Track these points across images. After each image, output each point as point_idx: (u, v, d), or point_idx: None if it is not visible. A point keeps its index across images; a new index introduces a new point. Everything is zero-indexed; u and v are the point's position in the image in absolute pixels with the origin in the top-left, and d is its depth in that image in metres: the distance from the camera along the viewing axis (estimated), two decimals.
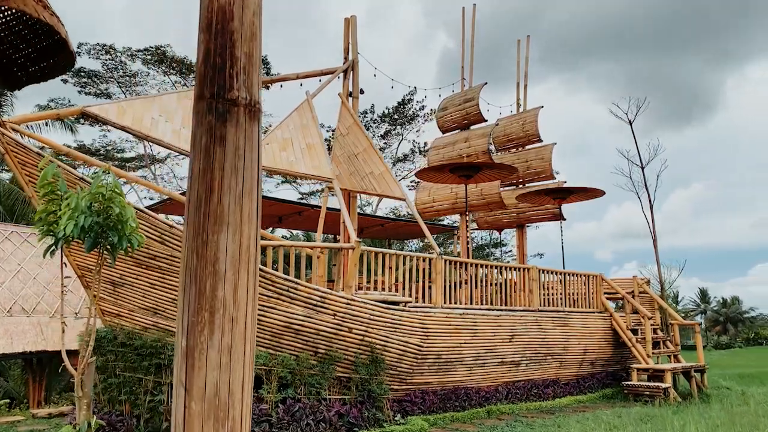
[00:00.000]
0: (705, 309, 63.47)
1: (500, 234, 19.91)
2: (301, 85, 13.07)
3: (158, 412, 9.02)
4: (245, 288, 2.24)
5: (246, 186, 2.15)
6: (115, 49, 33.84)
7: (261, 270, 9.23)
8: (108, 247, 5.67)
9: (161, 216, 9.15)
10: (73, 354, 13.26)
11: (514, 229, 18.61)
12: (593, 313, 14.93)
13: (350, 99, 13.82)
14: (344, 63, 13.90)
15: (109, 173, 5.42)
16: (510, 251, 39.21)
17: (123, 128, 9.65)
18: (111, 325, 9.42)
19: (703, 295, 64.31)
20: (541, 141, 17.60)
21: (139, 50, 34.43)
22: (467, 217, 15.55)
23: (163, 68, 35.66)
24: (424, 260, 11.50)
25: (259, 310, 9.32)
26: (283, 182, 40.98)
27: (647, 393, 13.72)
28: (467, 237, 15.80)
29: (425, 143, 41.22)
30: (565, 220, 17.31)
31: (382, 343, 10.30)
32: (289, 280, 9.41)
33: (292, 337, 9.58)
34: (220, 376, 2.07)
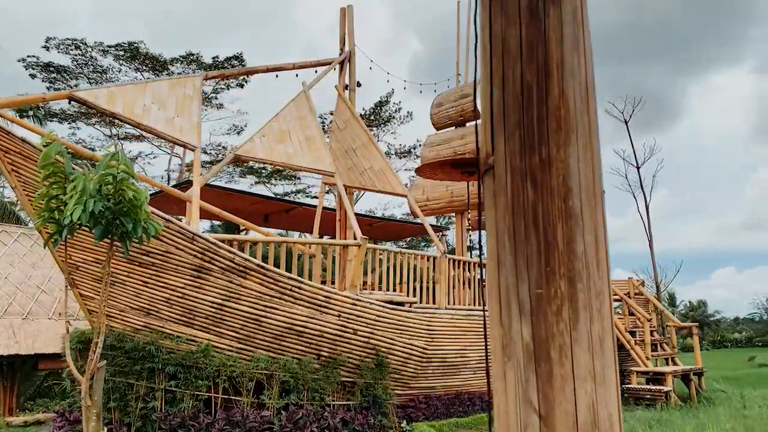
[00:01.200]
0: (673, 312, 64.38)
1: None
2: (296, 75, 12.49)
3: (150, 420, 8.35)
4: (603, 239, 1.41)
5: (588, 73, 1.36)
6: (85, 44, 32.69)
7: (263, 267, 8.64)
8: (119, 235, 5.02)
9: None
10: (46, 358, 12.43)
11: None
12: None
13: (347, 92, 13.27)
14: (340, 54, 13.35)
15: (119, 150, 4.79)
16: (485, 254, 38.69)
17: (113, 115, 8.97)
18: (98, 326, 8.70)
19: (671, 298, 65.21)
20: None
21: (111, 46, 33.34)
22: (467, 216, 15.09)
23: (136, 65, 34.60)
24: (428, 259, 11.00)
25: (260, 310, 8.73)
26: (256, 183, 40.20)
27: (648, 396, 13.42)
28: (463, 236, 15.35)
29: (401, 145, 40.72)
30: None
31: (388, 345, 9.77)
32: (293, 279, 8.83)
33: (294, 340, 8.99)
34: (596, 392, 1.23)
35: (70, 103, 8.86)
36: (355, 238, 9.59)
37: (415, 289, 10.78)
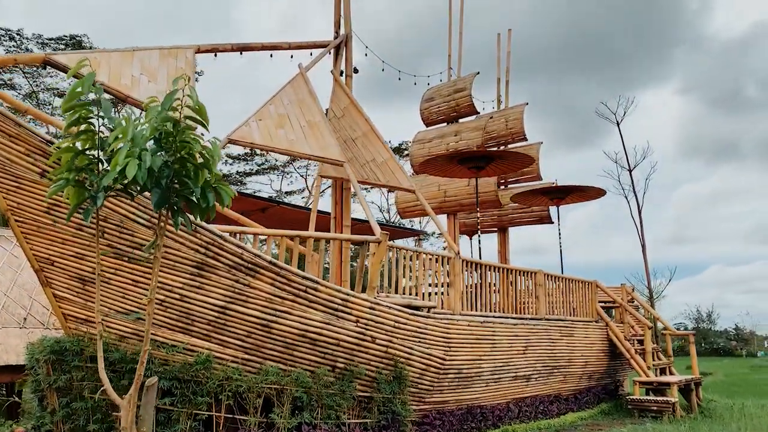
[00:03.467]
0: None
1: (470, 238, 18.60)
2: (291, 57, 11.33)
3: None
4: None
5: None
6: (21, 35, 30.28)
7: (275, 265, 7.45)
8: (178, 205, 3.78)
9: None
10: (10, 370, 10.79)
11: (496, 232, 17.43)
12: (591, 322, 13.90)
13: (342, 78, 12.18)
14: (336, 38, 12.25)
15: (189, 86, 3.58)
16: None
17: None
18: (77, 334, 7.31)
19: None
20: (526, 140, 16.53)
21: (51, 39, 31.00)
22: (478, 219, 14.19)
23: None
24: (442, 259, 9.99)
25: (270, 315, 7.52)
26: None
27: (654, 408, 12.75)
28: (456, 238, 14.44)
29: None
30: (553, 223, 16.32)
31: (407, 355, 8.69)
32: (309, 278, 7.67)
33: (308, 349, 7.81)
34: None
35: (45, 68, 7.46)
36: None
37: (429, 293, 9.76)
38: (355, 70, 12.33)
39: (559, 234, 14.67)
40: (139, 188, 3.52)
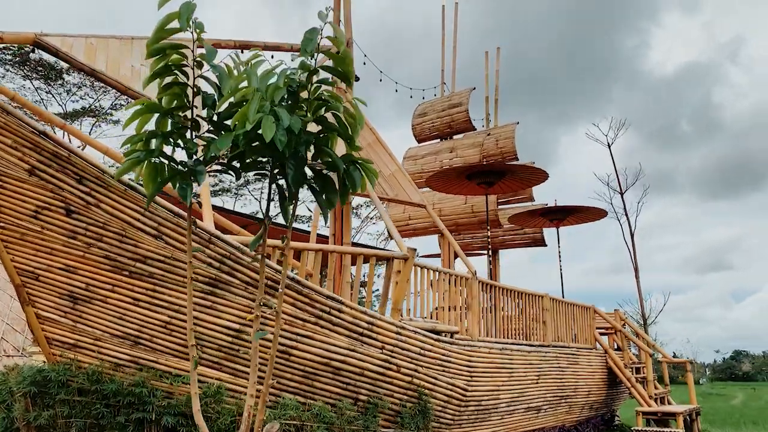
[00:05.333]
0: None
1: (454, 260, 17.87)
2: (292, 59, 10.46)
3: None
4: None
5: None
6: None
7: (296, 282, 6.54)
8: (320, 185, 2.85)
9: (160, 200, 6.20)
10: None
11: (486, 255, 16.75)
12: (592, 349, 13.33)
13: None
14: None
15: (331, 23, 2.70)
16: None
17: (93, 74, 6.66)
18: (62, 362, 6.19)
19: None
20: (518, 159, 16.01)
21: None
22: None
23: (25, 71, 30.49)
24: (459, 279, 9.21)
25: (290, 339, 6.58)
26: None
27: None
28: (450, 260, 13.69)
29: None
30: (546, 245, 15.76)
31: (431, 385, 7.84)
32: (333, 298, 6.77)
33: (329, 379, 6.87)
34: None
35: (34, 51, 6.44)
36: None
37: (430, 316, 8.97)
38: (357, 78, 11.57)
39: (559, 256, 14.11)
40: (263, 159, 2.62)
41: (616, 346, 14.73)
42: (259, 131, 2.46)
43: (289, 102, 2.73)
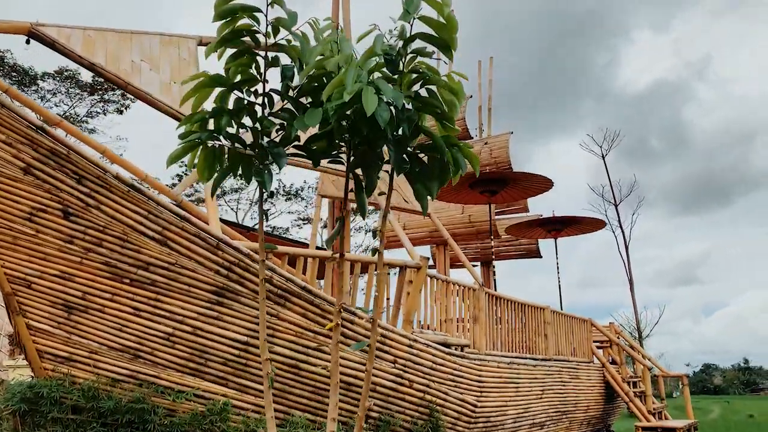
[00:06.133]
0: None
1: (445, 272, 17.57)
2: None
3: None
4: None
5: None
6: None
7: (309, 291, 6.15)
8: (421, 170, 2.47)
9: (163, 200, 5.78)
10: None
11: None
12: (590, 363, 13.07)
13: None
14: None
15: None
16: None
17: (92, 67, 6.24)
18: (55, 377, 5.71)
19: None
20: (512, 170, 15.79)
21: None
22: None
23: None
24: (466, 290, 8.89)
25: (299, 353, 6.17)
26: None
27: None
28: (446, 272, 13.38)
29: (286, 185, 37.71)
30: (541, 257, 15.53)
31: (442, 401, 7.47)
32: (346, 309, 6.40)
33: (340, 395, 6.47)
34: None
35: (28, 42, 6.01)
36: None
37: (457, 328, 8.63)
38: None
39: (558, 269, 13.89)
40: (357, 141, 2.25)
41: (611, 360, 14.52)
42: (354, 107, 2.11)
43: (388, 73, 2.39)
